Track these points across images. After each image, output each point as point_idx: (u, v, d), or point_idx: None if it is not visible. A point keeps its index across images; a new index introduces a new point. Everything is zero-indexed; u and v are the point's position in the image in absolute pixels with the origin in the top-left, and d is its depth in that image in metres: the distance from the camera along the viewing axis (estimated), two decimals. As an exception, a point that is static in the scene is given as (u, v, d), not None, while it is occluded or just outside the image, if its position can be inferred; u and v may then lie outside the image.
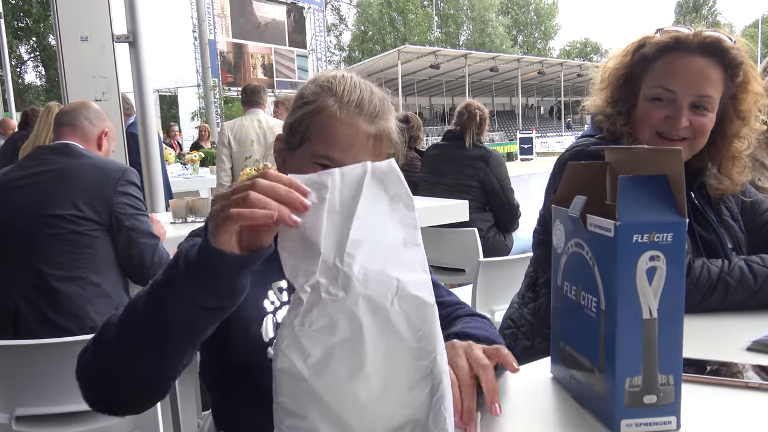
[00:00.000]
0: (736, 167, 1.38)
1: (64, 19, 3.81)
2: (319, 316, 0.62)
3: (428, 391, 0.63)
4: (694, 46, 1.26)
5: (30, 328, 1.83)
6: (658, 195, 0.75)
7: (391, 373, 0.63)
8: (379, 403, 0.63)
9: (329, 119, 0.99)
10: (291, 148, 1.04)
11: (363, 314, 0.62)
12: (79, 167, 1.96)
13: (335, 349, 0.62)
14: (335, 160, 0.98)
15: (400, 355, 0.63)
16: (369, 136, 1.00)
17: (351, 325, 0.62)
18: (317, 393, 0.62)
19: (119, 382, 0.79)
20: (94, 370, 0.82)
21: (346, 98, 1.00)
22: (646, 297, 0.73)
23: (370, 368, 0.62)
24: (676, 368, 0.75)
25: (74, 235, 1.87)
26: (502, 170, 3.51)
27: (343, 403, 0.62)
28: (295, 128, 1.03)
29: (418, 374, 0.63)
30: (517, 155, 25.01)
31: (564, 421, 0.81)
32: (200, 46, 18.03)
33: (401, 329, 0.62)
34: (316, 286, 0.63)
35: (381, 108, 1.02)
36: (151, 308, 0.74)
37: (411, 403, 0.63)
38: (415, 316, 0.63)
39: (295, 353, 0.62)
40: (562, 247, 0.87)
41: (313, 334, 0.62)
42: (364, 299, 0.62)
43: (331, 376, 0.62)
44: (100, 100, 3.83)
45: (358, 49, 48.62)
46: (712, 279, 1.19)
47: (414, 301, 0.63)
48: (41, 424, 1.72)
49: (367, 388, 0.62)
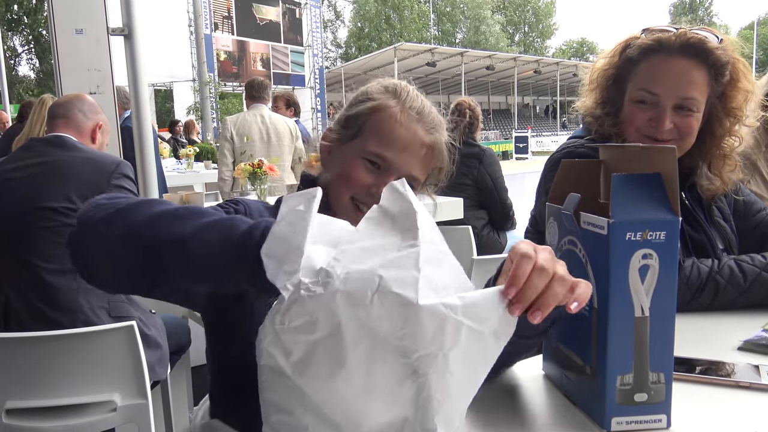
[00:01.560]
0: (727, 165, 1.38)
1: (59, 11, 3.78)
2: (297, 313, 0.61)
3: (415, 389, 0.60)
4: (676, 47, 1.25)
5: (21, 320, 1.82)
6: (651, 193, 0.75)
7: (373, 371, 0.60)
8: (363, 400, 0.61)
9: (389, 119, 1.01)
10: (342, 140, 1.05)
11: (341, 311, 0.60)
12: (73, 160, 1.95)
13: (316, 347, 0.61)
14: (387, 159, 0.99)
15: (383, 353, 0.60)
16: (423, 144, 1.01)
17: (330, 323, 0.60)
18: (301, 390, 0.61)
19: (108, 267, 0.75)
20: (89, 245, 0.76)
21: (408, 103, 1.02)
22: (639, 295, 0.73)
23: (350, 366, 0.60)
24: (667, 366, 0.75)
25: (67, 228, 1.85)
26: (496, 168, 3.51)
27: (327, 401, 0.61)
28: (351, 122, 1.04)
29: (403, 372, 0.60)
30: (512, 154, 25.08)
31: (556, 418, 0.81)
32: (196, 41, 17.96)
33: (382, 327, 0.59)
34: (297, 285, 0.61)
35: (438, 122, 1.05)
36: None
37: (398, 401, 0.61)
38: (396, 314, 0.59)
39: (276, 350, 0.62)
40: (556, 245, 0.88)
41: (293, 331, 0.61)
42: (342, 295, 0.60)
43: (313, 375, 0.61)
44: (94, 93, 3.81)
45: (354, 45, 48.54)
46: (702, 278, 1.20)
47: (395, 299, 0.59)
48: (32, 417, 1.71)
49: (349, 385, 0.60)
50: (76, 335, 1.64)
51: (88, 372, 1.70)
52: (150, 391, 1.76)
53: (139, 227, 0.71)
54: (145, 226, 0.71)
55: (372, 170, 1.01)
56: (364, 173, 1.00)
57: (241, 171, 3.22)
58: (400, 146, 1.00)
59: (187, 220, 0.71)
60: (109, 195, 0.78)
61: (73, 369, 1.68)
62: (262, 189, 3.23)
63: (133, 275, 0.74)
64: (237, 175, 3.24)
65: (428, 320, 0.58)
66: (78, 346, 1.66)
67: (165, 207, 0.74)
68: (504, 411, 0.83)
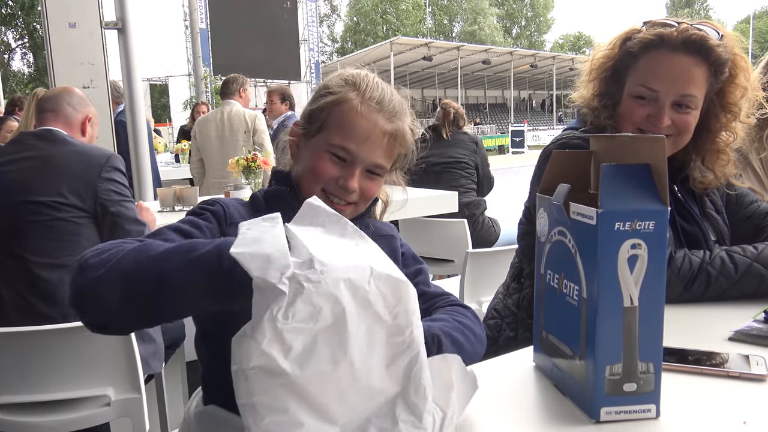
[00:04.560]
0: (721, 160, 1.38)
1: (52, 5, 3.76)
2: (302, 306, 0.61)
3: (407, 364, 0.65)
4: (678, 43, 1.25)
5: (11, 315, 1.82)
6: (640, 183, 0.75)
7: (371, 354, 0.64)
8: (361, 384, 0.63)
9: (349, 111, 1.03)
10: (308, 135, 1.08)
11: (344, 297, 0.62)
12: (63, 154, 1.94)
13: (318, 337, 0.61)
14: (350, 151, 1.02)
15: (379, 335, 0.64)
16: (385, 132, 1.04)
17: (334, 311, 0.62)
18: (299, 385, 0.61)
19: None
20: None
21: (368, 94, 1.05)
22: (627, 285, 0.73)
23: (352, 352, 0.62)
24: (656, 356, 0.75)
25: (58, 222, 1.85)
26: (485, 152, 4.05)
27: (325, 391, 0.62)
28: (315, 116, 1.07)
29: (395, 350, 0.65)
30: (508, 148, 25.08)
31: (545, 408, 0.81)
32: (191, 35, 17.89)
33: (378, 309, 0.64)
34: (294, 277, 0.62)
35: (399, 109, 1.07)
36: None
37: (391, 378, 0.65)
38: (391, 295, 0.64)
39: (275, 349, 0.61)
40: (546, 236, 0.87)
41: (295, 325, 0.61)
42: (345, 282, 0.62)
43: (314, 366, 0.61)
44: (88, 87, 3.79)
45: (350, 40, 48.42)
46: (694, 269, 1.20)
47: (390, 281, 0.65)
48: (25, 413, 1.71)
49: (350, 372, 0.62)
50: (68, 330, 1.64)
51: (82, 366, 1.69)
52: (144, 386, 1.76)
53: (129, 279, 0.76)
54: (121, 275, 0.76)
55: (337, 162, 1.04)
56: (330, 166, 1.03)
57: (234, 165, 3.21)
58: (361, 137, 1.03)
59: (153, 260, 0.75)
60: (95, 248, 0.81)
61: (66, 363, 1.68)
62: (256, 183, 3.23)
63: (134, 315, 0.77)
64: (231, 168, 3.24)
65: (414, 296, 0.66)
66: (71, 341, 1.66)
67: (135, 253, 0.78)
68: (494, 401, 0.83)
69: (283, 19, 20.53)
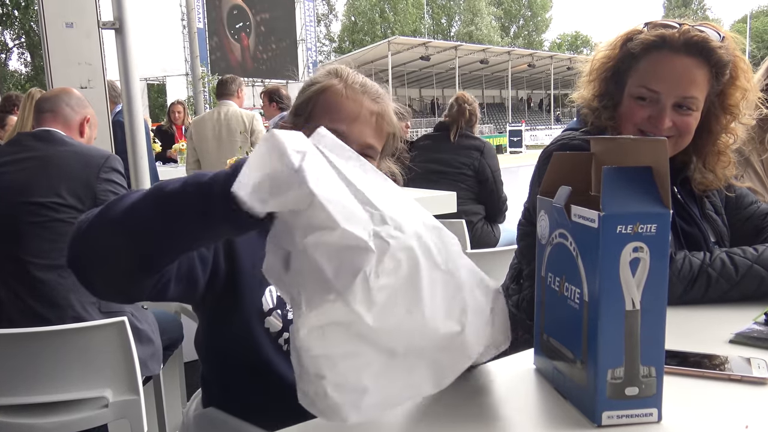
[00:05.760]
0: (721, 162, 1.38)
1: (49, 4, 3.74)
2: (389, 261, 0.65)
3: (458, 305, 0.72)
4: (679, 45, 1.24)
5: (9, 316, 1.81)
6: (642, 186, 0.75)
7: (434, 298, 0.69)
8: (428, 329, 0.69)
9: (335, 95, 1.07)
10: (296, 128, 1.08)
11: (416, 249, 0.67)
12: (62, 154, 1.93)
13: (398, 289, 0.66)
14: (341, 133, 1.03)
15: (440, 281, 0.70)
16: (373, 112, 1.08)
17: (409, 262, 0.67)
18: (375, 334, 0.65)
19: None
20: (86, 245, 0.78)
21: (351, 79, 1.09)
22: (629, 288, 0.73)
23: (424, 300, 0.68)
24: (658, 360, 0.75)
25: (57, 223, 1.85)
26: (495, 162, 3.57)
27: (397, 337, 0.67)
28: (302, 108, 1.10)
29: (448, 293, 0.71)
30: (506, 148, 25.05)
31: (546, 412, 0.81)
32: (189, 35, 17.88)
33: (435, 257, 0.70)
34: (377, 234, 0.64)
35: (381, 93, 1.12)
36: None
37: (451, 317, 0.71)
38: (440, 242, 0.71)
39: (363, 307, 0.64)
40: (547, 238, 0.87)
41: (382, 282, 0.65)
42: (416, 235, 0.68)
43: (391, 317, 0.66)
44: (85, 88, 3.78)
45: (348, 39, 48.39)
46: (694, 271, 1.19)
47: (436, 232, 0.71)
48: (23, 414, 1.70)
49: (421, 318, 0.68)
50: (66, 331, 1.63)
51: (79, 368, 1.69)
52: (142, 387, 1.75)
53: (119, 215, 0.74)
54: (124, 212, 0.73)
55: None
56: None
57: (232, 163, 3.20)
58: (350, 118, 1.05)
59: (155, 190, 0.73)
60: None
61: (64, 365, 1.67)
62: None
63: (127, 258, 0.74)
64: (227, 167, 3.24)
65: (455, 240, 0.74)
66: (69, 342, 1.65)
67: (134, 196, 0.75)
68: (495, 404, 0.82)
69: (281, 18, 20.56)
